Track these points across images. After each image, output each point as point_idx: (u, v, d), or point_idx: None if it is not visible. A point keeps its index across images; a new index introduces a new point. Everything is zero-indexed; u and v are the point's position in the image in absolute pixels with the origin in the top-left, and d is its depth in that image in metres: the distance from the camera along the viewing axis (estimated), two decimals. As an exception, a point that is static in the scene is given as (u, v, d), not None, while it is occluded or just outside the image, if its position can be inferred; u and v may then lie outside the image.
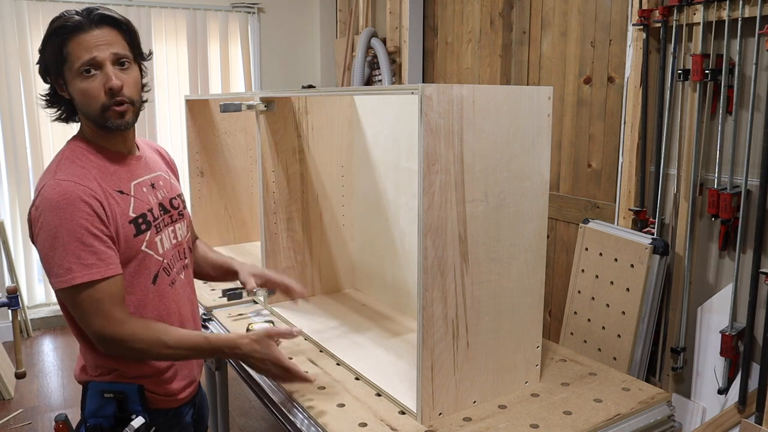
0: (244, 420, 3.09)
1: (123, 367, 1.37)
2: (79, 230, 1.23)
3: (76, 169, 1.29)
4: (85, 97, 1.29)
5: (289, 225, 2.08)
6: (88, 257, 1.23)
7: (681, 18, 2.29)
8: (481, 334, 1.41)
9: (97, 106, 1.29)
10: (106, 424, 1.36)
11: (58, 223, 1.22)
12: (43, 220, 1.23)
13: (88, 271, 1.23)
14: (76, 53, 1.27)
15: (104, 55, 1.28)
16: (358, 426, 1.35)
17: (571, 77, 2.86)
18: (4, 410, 3.13)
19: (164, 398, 1.43)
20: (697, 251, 2.36)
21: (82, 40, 1.27)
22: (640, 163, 2.51)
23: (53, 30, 1.29)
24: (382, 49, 4.00)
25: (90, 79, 1.28)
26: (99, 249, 1.25)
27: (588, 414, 1.40)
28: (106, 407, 1.36)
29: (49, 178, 1.27)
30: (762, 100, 2.09)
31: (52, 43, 1.28)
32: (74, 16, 1.28)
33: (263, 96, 1.92)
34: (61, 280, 1.23)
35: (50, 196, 1.23)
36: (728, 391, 2.24)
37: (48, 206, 1.23)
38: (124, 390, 1.36)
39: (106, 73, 1.28)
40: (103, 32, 1.29)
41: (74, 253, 1.22)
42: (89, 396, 1.38)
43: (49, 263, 1.24)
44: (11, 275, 3.95)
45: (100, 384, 1.37)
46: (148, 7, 4.21)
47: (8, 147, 4.01)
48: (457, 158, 1.29)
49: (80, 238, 1.23)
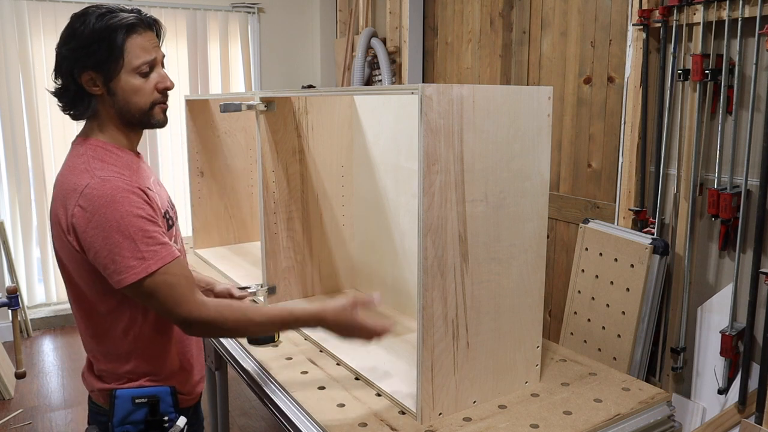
0: (244, 420, 3.09)
1: (151, 369, 1.37)
2: (139, 220, 1.23)
3: (111, 166, 1.29)
4: (136, 94, 1.32)
5: (289, 225, 2.08)
6: (155, 243, 1.23)
7: (681, 18, 2.29)
8: (481, 334, 1.41)
9: (147, 102, 1.33)
10: (134, 430, 1.34)
11: (117, 217, 1.21)
12: (99, 218, 1.21)
13: (159, 255, 1.23)
14: (135, 52, 1.30)
15: (159, 56, 1.35)
16: (358, 426, 1.35)
17: (571, 77, 2.86)
18: (4, 410, 3.13)
19: (188, 397, 1.45)
20: (697, 251, 2.36)
21: (139, 40, 1.30)
22: (640, 163, 2.51)
23: (111, 26, 1.27)
24: (382, 49, 4.00)
25: (146, 77, 1.32)
26: (159, 234, 1.26)
27: (588, 414, 1.40)
28: (136, 413, 1.34)
29: (86, 178, 1.24)
30: (762, 100, 2.09)
31: (109, 39, 1.27)
32: (129, 15, 1.30)
33: (263, 96, 1.92)
34: (135, 272, 1.21)
35: (101, 193, 1.22)
36: (728, 391, 2.24)
37: (101, 203, 1.21)
38: (157, 393, 1.35)
39: (160, 73, 1.35)
40: (152, 35, 1.35)
41: (142, 242, 1.22)
42: (118, 404, 1.34)
43: (115, 260, 1.21)
44: (11, 275, 3.95)
45: (130, 391, 1.35)
46: (148, 6, 4.21)
47: (8, 147, 4.01)
48: (457, 158, 1.29)
49: (142, 227, 1.23)
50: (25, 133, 4.03)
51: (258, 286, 2.05)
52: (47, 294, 4.32)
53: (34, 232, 4.21)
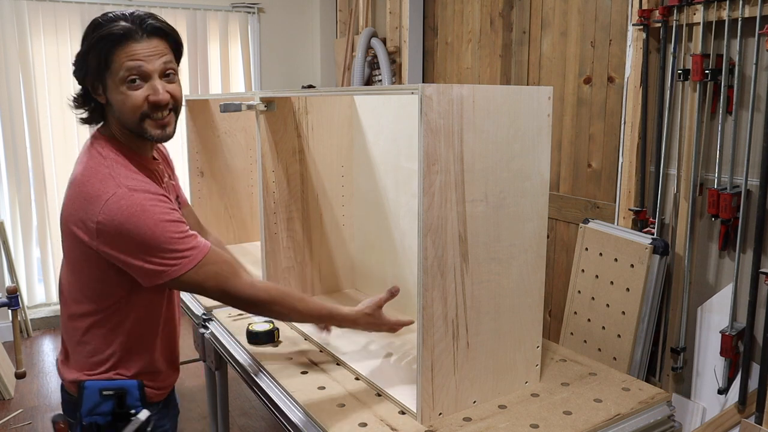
0: (244, 420, 3.09)
1: (123, 367, 1.39)
2: (173, 224, 1.26)
3: (134, 174, 1.30)
4: (125, 106, 1.28)
5: (289, 225, 2.08)
6: (192, 239, 1.29)
7: (681, 18, 2.29)
8: (481, 334, 1.41)
9: (137, 116, 1.29)
10: (102, 421, 1.36)
11: (152, 223, 1.23)
12: (130, 226, 1.22)
13: (200, 247, 1.30)
14: (121, 62, 1.25)
15: (153, 66, 1.28)
16: (358, 426, 1.35)
17: (571, 77, 2.86)
18: (4, 410, 3.13)
19: (158, 391, 1.46)
20: (697, 251, 2.36)
21: (130, 50, 1.25)
22: (640, 163, 2.51)
23: (101, 37, 1.25)
24: (382, 49, 4.00)
25: (134, 88, 1.27)
26: (191, 232, 1.31)
27: (588, 414, 1.40)
28: (103, 405, 1.36)
29: (113, 186, 1.24)
30: (762, 100, 2.09)
31: (97, 49, 1.26)
32: (123, 23, 1.26)
33: (263, 96, 1.92)
34: (182, 264, 1.26)
35: (130, 203, 1.23)
36: (728, 391, 2.24)
37: (133, 212, 1.22)
38: (124, 386, 1.37)
39: (152, 85, 1.28)
40: (152, 43, 1.28)
41: (181, 241, 1.27)
42: (86, 395, 1.37)
43: (153, 262, 1.24)
44: (11, 275, 3.95)
45: (98, 383, 1.38)
46: (148, 7, 4.21)
47: (8, 147, 4.01)
48: (457, 158, 1.29)
49: (177, 229, 1.27)
50: (25, 133, 4.03)
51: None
52: (47, 294, 4.32)
53: (34, 232, 4.21)
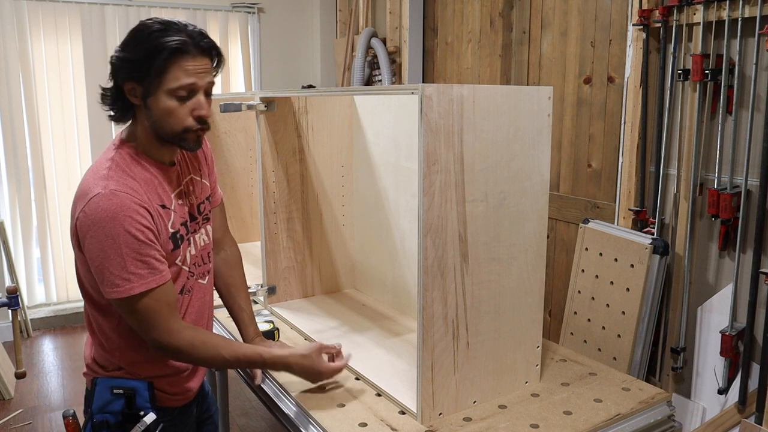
0: (244, 420, 3.09)
1: (136, 367, 1.39)
2: (134, 242, 1.24)
3: (128, 179, 1.29)
4: (170, 116, 1.30)
5: (289, 225, 2.08)
6: (144, 267, 1.26)
7: (681, 18, 2.29)
8: (481, 334, 1.41)
9: (180, 127, 1.31)
10: (112, 420, 1.37)
11: (114, 233, 1.22)
12: (97, 230, 1.23)
13: (145, 280, 1.26)
14: (176, 74, 1.27)
15: (202, 83, 1.31)
16: (358, 426, 1.35)
17: (571, 77, 2.86)
18: (4, 410, 3.13)
19: (174, 397, 1.45)
20: (697, 251, 2.36)
21: (185, 64, 1.27)
22: (640, 163, 2.51)
23: (158, 45, 1.26)
24: (382, 49, 4.00)
25: (182, 101, 1.29)
26: (154, 258, 1.27)
27: (588, 414, 1.40)
28: (114, 403, 1.37)
29: (100, 186, 1.25)
30: (762, 100, 2.09)
31: (152, 56, 1.26)
32: (182, 37, 1.27)
33: (263, 96, 1.92)
34: (118, 290, 1.25)
35: (105, 206, 1.23)
36: (728, 391, 2.24)
37: (103, 216, 1.22)
38: (135, 386, 1.37)
39: (198, 100, 1.31)
40: (204, 60, 1.31)
41: (132, 263, 1.24)
42: (98, 392, 1.38)
43: (104, 273, 1.25)
44: (11, 275, 3.95)
45: (109, 380, 1.38)
46: (148, 7, 4.21)
47: (8, 147, 4.01)
48: (457, 158, 1.29)
49: (137, 248, 1.24)
50: (25, 133, 4.03)
51: (258, 286, 2.05)
52: (47, 294, 4.32)
53: (34, 232, 4.21)
